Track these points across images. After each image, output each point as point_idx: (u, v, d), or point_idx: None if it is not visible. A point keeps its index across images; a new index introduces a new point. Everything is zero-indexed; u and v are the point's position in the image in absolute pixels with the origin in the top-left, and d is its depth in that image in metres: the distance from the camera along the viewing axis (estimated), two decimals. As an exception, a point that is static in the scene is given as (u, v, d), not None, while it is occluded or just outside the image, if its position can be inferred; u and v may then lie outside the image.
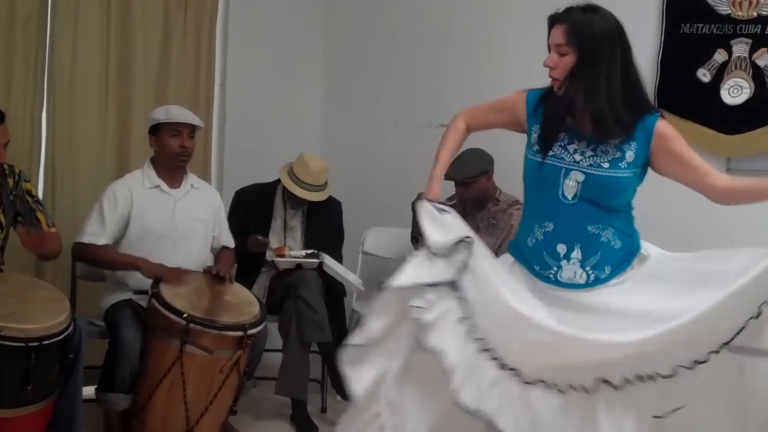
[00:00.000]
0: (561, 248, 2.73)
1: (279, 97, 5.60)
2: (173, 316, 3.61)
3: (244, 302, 3.92)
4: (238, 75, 5.42)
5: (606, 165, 2.70)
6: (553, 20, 2.72)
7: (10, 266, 3.78)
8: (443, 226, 2.72)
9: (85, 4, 4.64)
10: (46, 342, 3.19)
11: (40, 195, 4.30)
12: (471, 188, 4.43)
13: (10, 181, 3.69)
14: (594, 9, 2.69)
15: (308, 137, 5.52)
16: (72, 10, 4.59)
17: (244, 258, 4.58)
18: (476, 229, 3.91)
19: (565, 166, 2.73)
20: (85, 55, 4.66)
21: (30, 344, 3.13)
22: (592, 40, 2.64)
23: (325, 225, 4.77)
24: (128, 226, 4.02)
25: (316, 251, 4.59)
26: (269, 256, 4.65)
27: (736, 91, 4.29)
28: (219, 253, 4.29)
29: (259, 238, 4.58)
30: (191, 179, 4.24)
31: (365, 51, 5.66)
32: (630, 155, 2.70)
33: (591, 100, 2.66)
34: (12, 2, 4.37)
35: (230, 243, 4.36)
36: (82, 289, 4.27)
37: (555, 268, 2.75)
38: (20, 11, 4.40)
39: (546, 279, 2.77)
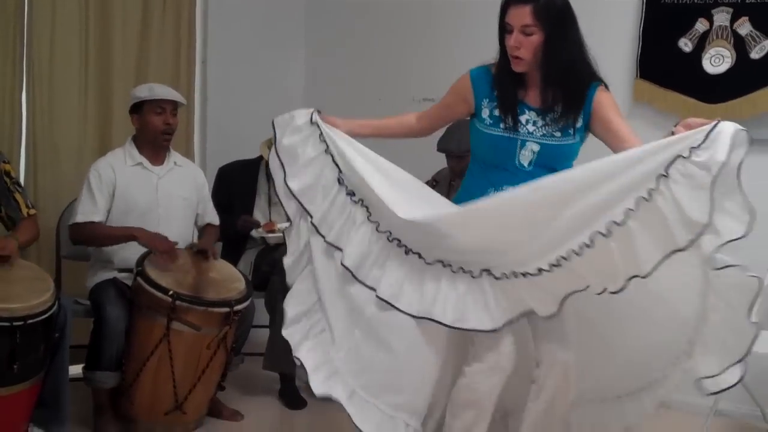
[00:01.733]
0: None
1: (261, 73, 5.58)
2: (159, 294, 3.60)
3: (229, 278, 3.92)
4: (219, 51, 5.39)
5: (558, 134, 2.84)
6: (512, 1, 2.77)
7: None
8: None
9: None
10: (31, 321, 3.18)
11: (21, 176, 4.28)
12: (464, 161, 4.43)
13: (-10, 162, 3.66)
14: None
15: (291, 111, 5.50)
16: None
17: (229, 235, 4.57)
18: None
19: (520, 138, 2.85)
20: (63, 34, 4.61)
21: (15, 323, 3.13)
22: (557, 17, 2.74)
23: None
24: (113, 204, 4.00)
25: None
26: (255, 233, 4.65)
27: (717, 60, 4.30)
28: (203, 229, 4.29)
29: (249, 218, 4.59)
30: (174, 157, 4.23)
31: (347, 24, 5.64)
32: (578, 121, 2.85)
33: (559, 72, 2.78)
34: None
35: (215, 220, 4.35)
36: (67, 269, 4.26)
37: None
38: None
39: None
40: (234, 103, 5.43)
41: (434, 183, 4.46)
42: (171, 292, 3.59)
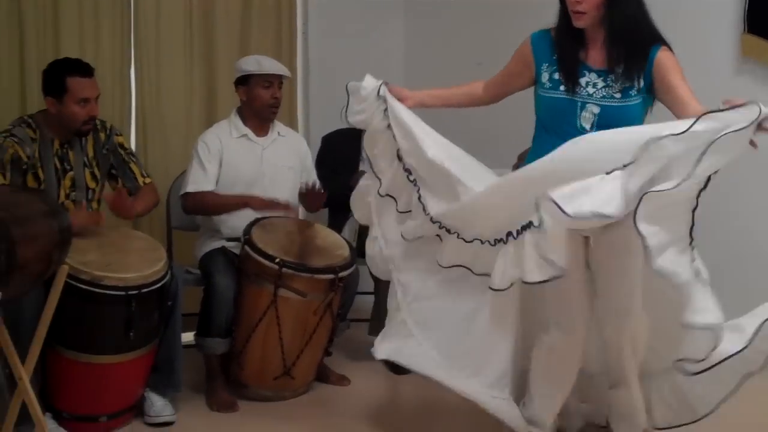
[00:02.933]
0: None
1: (360, 41, 5.58)
2: (266, 261, 3.67)
3: (334, 245, 3.97)
4: (319, 22, 5.41)
5: (618, 95, 2.81)
6: None
7: (107, 218, 3.89)
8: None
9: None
10: (145, 290, 3.30)
11: (132, 147, 4.40)
12: None
13: (102, 136, 3.79)
14: None
15: (390, 80, 5.47)
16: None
17: (334, 203, 4.61)
18: None
19: (580, 99, 2.83)
20: (168, 10, 4.74)
21: (130, 292, 3.26)
22: None
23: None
24: (220, 175, 4.09)
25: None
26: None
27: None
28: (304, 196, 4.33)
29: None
30: (278, 127, 4.28)
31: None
32: (639, 82, 2.80)
33: (624, 29, 2.76)
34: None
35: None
36: (178, 239, 4.38)
37: None
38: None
39: None
40: (335, 72, 5.42)
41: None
42: (277, 260, 3.66)
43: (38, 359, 3.00)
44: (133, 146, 4.48)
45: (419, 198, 3.00)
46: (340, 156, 4.80)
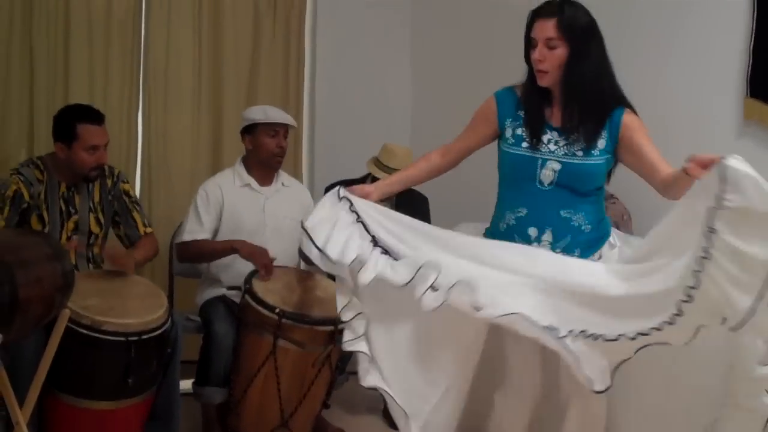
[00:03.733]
0: (533, 231, 2.86)
1: (368, 91, 5.63)
2: (265, 311, 3.67)
3: (334, 297, 3.95)
4: (327, 71, 5.48)
5: (580, 153, 2.81)
6: (537, 14, 2.80)
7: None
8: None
9: (177, 7, 4.79)
10: (145, 336, 3.29)
11: (137, 193, 4.43)
12: None
13: (109, 182, 3.83)
14: (575, 3, 2.80)
15: (397, 131, 5.53)
16: (165, 13, 4.74)
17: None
18: None
19: (541, 156, 2.83)
20: (177, 56, 4.80)
21: (130, 338, 3.25)
22: (582, 32, 2.76)
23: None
24: (221, 223, 4.11)
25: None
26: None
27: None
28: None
29: None
30: (282, 177, 4.31)
31: (453, 40, 5.61)
32: (602, 143, 2.81)
33: (582, 90, 2.78)
34: (108, 7, 4.54)
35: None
36: (179, 286, 4.39)
37: None
38: (116, 15, 4.57)
39: None
40: (341, 121, 5.50)
41: None
42: (277, 310, 3.65)
43: (36, 403, 2.99)
44: (138, 192, 4.52)
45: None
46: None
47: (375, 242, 2.88)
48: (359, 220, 2.94)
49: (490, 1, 5.36)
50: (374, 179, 4.63)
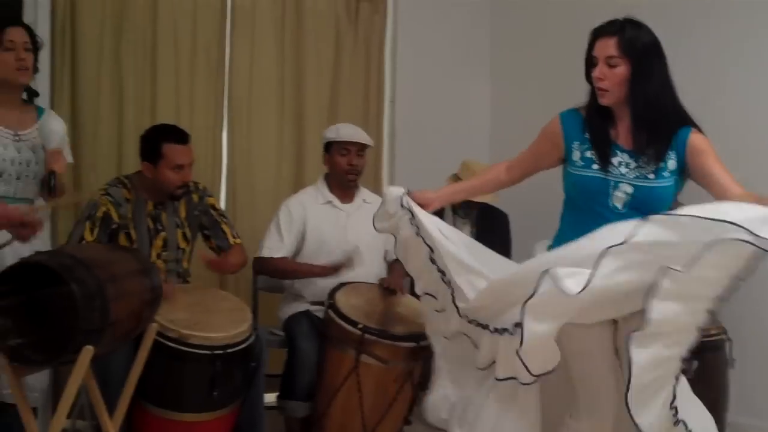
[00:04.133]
0: None
1: (447, 109, 5.63)
2: (348, 327, 3.69)
3: (416, 314, 3.96)
4: (407, 90, 5.49)
5: (652, 176, 2.77)
6: (600, 33, 2.79)
7: (196, 278, 3.99)
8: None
9: (260, 29, 4.88)
10: (230, 350, 3.35)
11: (223, 209, 4.51)
12: None
13: (195, 197, 3.90)
14: (638, 23, 2.78)
15: (476, 147, 5.52)
16: (248, 35, 4.83)
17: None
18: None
19: (613, 179, 2.79)
20: (261, 77, 4.88)
21: (215, 352, 3.31)
22: (644, 51, 2.73)
23: (493, 237, 4.76)
24: (304, 241, 4.15)
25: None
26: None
27: None
28: (391, 265, 4.36)
29: None
30: (363, 194, 4.34)
31: (533, 53, 5.56)
32: (672, 164, 2.78)
33: (646, 109, 2.74)
34: (194, 30, 4.65)
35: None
36: (263, 300, 4.44)
37: None
38: (201, 38, 4.68)
39: None
40: (421, 139, 5.51)
41: None
42: (360, 325, 3.67)
43: (125, 414, 3.06)
44: (222, 207, 4.59)
45: (453, 300, 2.92)
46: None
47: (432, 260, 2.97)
48: (419, 234, 3.00)
49: (569, 18, 5.31)
50: (456, 197, 4.64)
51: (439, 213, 4.75)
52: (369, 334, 3.67)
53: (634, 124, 2.79)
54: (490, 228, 4.76)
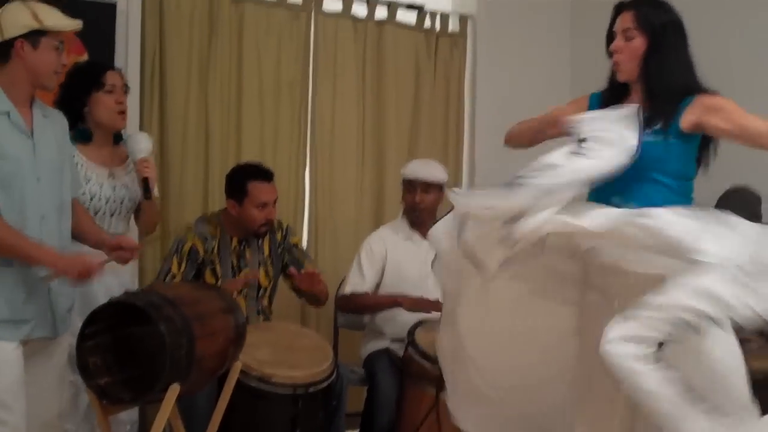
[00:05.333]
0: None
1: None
2: (428, 365, 3.68)
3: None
4: (487, 123, 5.48)
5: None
6: (621, 8, 2.75)
7: (278, 316, 4.05)
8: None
9: (342, 69, 4.95)
10: (312, 389, 3.38)
11: (304, 247, 4.57)
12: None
13: (279, 236, 3.97)
14: (659, 1, 2.75)
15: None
16: (331, 75, 4.91)
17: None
18: None
19: None
20: (343, 115, 4.95)
21: (297, 391, 3.35)
22: (662, 27, 2.68)
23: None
24: (384, 276, 4.18)
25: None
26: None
27: None
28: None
29: None
30: (443, 229, 4.34)
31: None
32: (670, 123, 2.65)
33: (658, 84, 2.67)
34: (278, 70, 4.73)
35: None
36: (343, 337, 4.47)
37: None
38: (285, 77, 4.76)
39: None
40: (502, 174, 5.47)
41: None
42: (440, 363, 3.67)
43: (209, 452, 3.11)
44: (305, 245, 4.65)
45: None
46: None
47: None
48: None
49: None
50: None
51: None
52: (449, 372, 3.66)
53: (645, 99, 2.70)
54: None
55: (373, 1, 5.05)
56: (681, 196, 2.71)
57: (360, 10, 5.04)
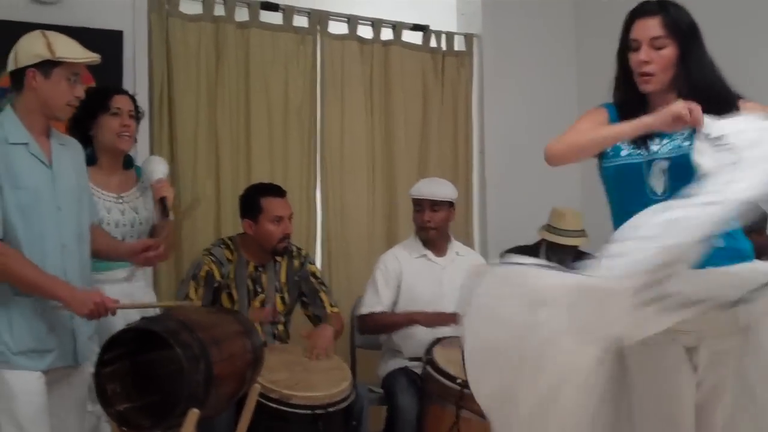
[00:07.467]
0: None
1: (536, 158, 5.56)
2: (447, 382, 3.67)
3: (515, 367, 3.92)
4: (496, 141, 5.49)
5: (687, 143, 2.42)
6: (638, 14, 2.53)
7: (295, 340, 4.02)
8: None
9: (350, 90, 4.97)
10: (331, 409, 3.37)
11: (318, 268, 4.56)
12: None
13: (296, 263, 3.96)
14: (676, 2, 2.55)
15: (567, 196, 5.47)
16: (338, 96, 4.93)
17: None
18: None
19: (645, 159, 2.50)
20: (351, 135, 4.96)
21: (316, 411, 3.33)
22: (690, 29, 2.51)
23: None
24: (399, 294, 4.17)
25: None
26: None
27: None
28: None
29: None
30: (456, 246, 4.34)
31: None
32: None
33: (694, 93, 2.42)
34: (286, 93, 4.75)
35: (499, 307, 4.39)
36: (361, 358, 4.45)
37: None
38: (293, 100, 4.77)
39: None
40: (512, 189, 5.48)
41: None
42: (459, 380, 3.64)
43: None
44: (318, 265, 4.64)
45: None
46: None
47: None
48: None
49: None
50: (549, 245, 4.59)
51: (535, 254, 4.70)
52: (468, 388, 3.63)
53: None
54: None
55: (378, 23, 5.09)
56: None
57: (365, 31, 5.07)
